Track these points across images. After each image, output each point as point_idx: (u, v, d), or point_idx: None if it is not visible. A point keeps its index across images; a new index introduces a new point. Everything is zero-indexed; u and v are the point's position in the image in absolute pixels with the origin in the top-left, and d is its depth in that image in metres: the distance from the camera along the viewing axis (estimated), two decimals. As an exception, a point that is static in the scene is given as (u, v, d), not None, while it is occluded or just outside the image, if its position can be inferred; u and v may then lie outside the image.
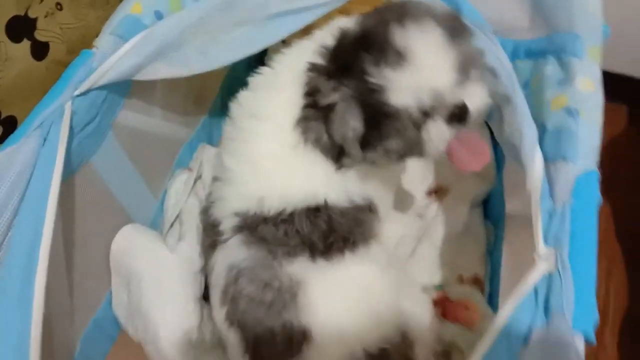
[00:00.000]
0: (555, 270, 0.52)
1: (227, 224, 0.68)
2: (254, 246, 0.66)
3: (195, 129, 1.01)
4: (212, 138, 1.06)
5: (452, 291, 0.84)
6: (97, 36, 0.73)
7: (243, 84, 1.10)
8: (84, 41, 0.83)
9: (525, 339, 0.50)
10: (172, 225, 0.91)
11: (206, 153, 0.99)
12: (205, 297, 0.83)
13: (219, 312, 0.69)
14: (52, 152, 0.61)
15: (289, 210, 0.65)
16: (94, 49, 0.69)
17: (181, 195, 0.92)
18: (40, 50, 0.76)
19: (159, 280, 0.77)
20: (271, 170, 0.67)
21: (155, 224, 0.91)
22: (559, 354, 0.48)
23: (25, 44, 0.73)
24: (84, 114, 0.67)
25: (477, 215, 0.94)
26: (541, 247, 0.55)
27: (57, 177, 0.60)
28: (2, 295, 0.54)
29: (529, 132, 0.63)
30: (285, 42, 0.90)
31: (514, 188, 0.91)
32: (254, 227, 0.66)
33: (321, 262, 0.66)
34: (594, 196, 0.57)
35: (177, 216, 0.91)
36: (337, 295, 0.65)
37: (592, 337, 0.49)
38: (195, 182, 0.95)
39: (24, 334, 0.53)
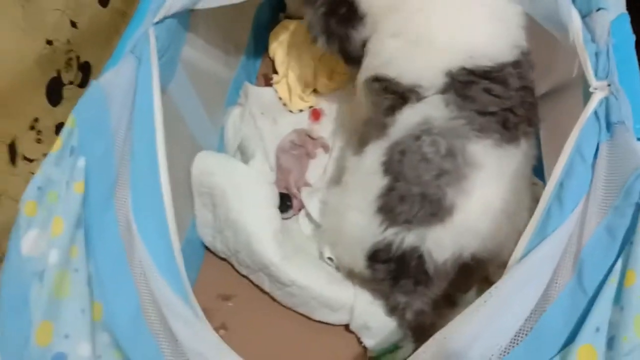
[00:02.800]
0: (610, 94, 0.61)
1: (430, 83, 0.69)
2: (455, 107, 0.68)
3: (236, 69, 1.08)
4: (251, 77, 1.13)
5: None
6: None
7: (268, 26, 1.18)
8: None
9: (595, 154, 0.59)
10: (234, 153, 0.99)
11: (250, 90, 1.07)
12: (281, 209, 0.91)
13: (376, 158, 0.71)
14: (147, 71, 0.68)
15: (499, 66, 0.68)
16: (160, -18, 0.76)
17: (239, 126, 0.99)
18: (104, -2, 0.82)
19: (241, 190, 0.85)
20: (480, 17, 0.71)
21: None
22: (624, 158, 0.56)
23: (92, -9, 0.80)
24: (162, 41, 0.73)
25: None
26: (593, 80, 0.63)
27: (157, 92, 0.68)
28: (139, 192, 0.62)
29: (561, -6, 0.70)
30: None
31: (538, 70, 0.99)
32: (464, 86, 0.68)
33: (504, 148, 0.69)
34: (630, 33, 0.66)
35: (238, 146, 0.99)
36: (495, 188, 0.68)
37: (653, 141, 0.58)
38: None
39: (162, 219, 0.61)
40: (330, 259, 0.86)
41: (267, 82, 1.13)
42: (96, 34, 0.82)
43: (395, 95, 0.73)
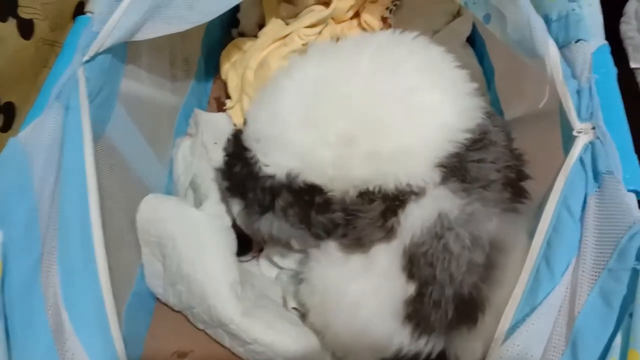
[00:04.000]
0: (595, 139, 0.55)
1: (427, 179, 0.63)
2: (463, 193, 0.62)
3: (185, 95, 0.99)
4: (202, 102, 1.05)
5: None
6: (73, 11, 0.71)
7: (219, 45, 1.09)
8: (63, 17, 0.80)
9: (584, 207, 0.54)
10: (185, 192, 0.90)
11: (201, 117, 0.98)
12: (239, 253, 0.84)
13: (391, 261, 0.64)
14: (76, 120, 0.59)
15: (480, 130, 0.64)
16: (88, 14, 0.67)
17: (189, 160, 0.91)
18: (26, 29, 0.72)
19: (194, 239, 0.76)
20: None
21: (168, 193, 0.90)
22: (615, 213, 0.51)
23: (12, 22, 0.70)
24: (94, 81, 0.65)
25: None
26: (577, 123, 0.58)
27: (89, 143, 0.59)
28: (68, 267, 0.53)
29: (537, 23, 0.65)
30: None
31: (510, 94, 0.95)
32: (461, 169, 0.63)
33: (518, 211, 0.63)
34: (612, 67, 0.61)
35: (189, 183, 0.90)
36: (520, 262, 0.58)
37: (645, 193, 0.53)
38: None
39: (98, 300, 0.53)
40: (295, 309, 0.79)
41: (221, 107, 1.05)
42: (20, 71, 0.71)
43: (386, 201, 0.66)
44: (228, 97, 1.04)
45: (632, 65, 1.00)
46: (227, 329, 0.75)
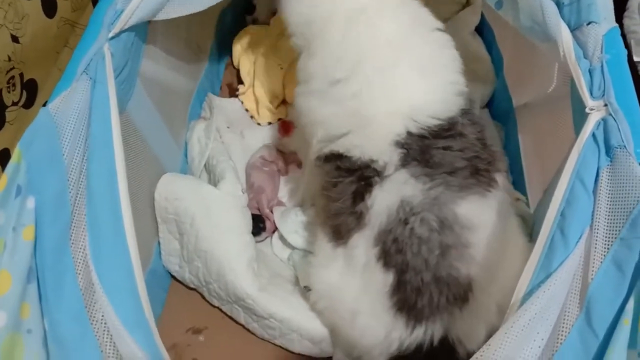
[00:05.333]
0: (607, 115, 0.57)
1: (387, 158, 0.64)
2: (426, 178, 0.62)
3: (199, 79, 1.00)
4: (215, 87, 1.06)
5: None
6: None
7: (232, 32, 1.11)
8: (84, -1, 0.81)
9: (596, 180, 0.56)
10: (200, 174, 0.92)
11: (214, 102, 1.00)
12: (254, 232, 0.85)
13: (367, 250, 0.65)
14: (104, 93, 0.61)
15: (448, 121, 0.64)
16: (113, -8, 0.68)
17: (204, 142, 0.92)
18: (50, 6, 0.73)
19: (211, 216, 0.78)
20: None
21: (184, 173, 0.92)
22: (627, 184, 0.53)
23: (36, 0, 0.71)
24: (119, 58, 0.66)
25: (486, 117, 1.00)
26: (589, 100, 0.59)
27: (116, 116, 0.60)
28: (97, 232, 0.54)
29: (549, 7, 0.67)
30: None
31: (518, 81, 0.97)
32: (422, 153, 0.63)
33: (487, 197, 0.63)
34: (622, 48, 0.63)
35: (205, 165, 0.92)
36: (498, 244, 0.62)
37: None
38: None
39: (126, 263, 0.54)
40: (306, 287, 0.81)
41: (233, 93, 1.06)
42: (42, 49, 0.73)
43: (353, 175, 0.67)
44: (240, 82, 1.05)
45: (636, 58, 1.02)
46: (243, 304, 0.76)
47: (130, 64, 0.70)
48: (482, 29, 1.08)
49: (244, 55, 1.05)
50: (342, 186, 0.67)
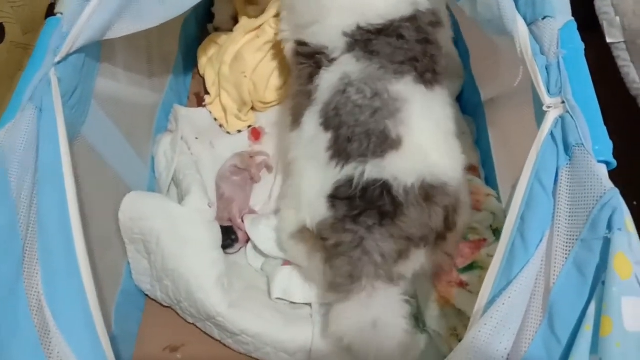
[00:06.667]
0: (565, 113, 0.56)
1: (334, 44, 0.75)
2: (366, 60, 0.73)
3: (164, 91, 0.99)
4: (182, 98, 1.05)
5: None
6: (45, 13, 0.70)
7: (197, 41, 1.09)
8: (35, 20, 0.80)
9: (556, 180, 0.55)
10: (168, 188, 0.91)
11: (180, 113, 0.98)
12: (225, 245, 0.84)
13: (314, 123, 0.74)
14: (51, 121, 0.59)
15: (391, 22, 0.73)
16: (58, 15, 0.66)
17: (170, 156, 0.91)
18: (-3, 32, 0.72)
19: (177, 234, 0.77)
20: None
21: (151, 190, 0.90)
22: (586, 184, 0.52)
23: (-19, 26, 0.69)
24: (67, 82, 0.64)
25: (457, 111, 0.99)
26: (546, 98, 0.58)
27: (65, 144, 0.59)
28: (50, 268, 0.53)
29: (505, 1, 0.65)
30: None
31: (485, 75, 0.96)
32: (365, 44, 0.73)
33: (421, 86, 0.73)
34: (579, 42, 0.61)
35: (172, 179, 0.90)
36: (428, 120, 0.72)
37: (613, 163, 0.54)
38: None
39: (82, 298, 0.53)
40: (279, 299, 0.80)
41: (201, 102, 1.05)
42: (-7, 75, 0.71)
43: (310, 60, 0.78)
44: (207, 92, 1.04)
45: (608, 40, 1.00)
46: (214, 321, 0.76)
47: (82, 87, 0.68)
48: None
49: (209, 64, 1.03)
50: (301, 70, 0.80)
